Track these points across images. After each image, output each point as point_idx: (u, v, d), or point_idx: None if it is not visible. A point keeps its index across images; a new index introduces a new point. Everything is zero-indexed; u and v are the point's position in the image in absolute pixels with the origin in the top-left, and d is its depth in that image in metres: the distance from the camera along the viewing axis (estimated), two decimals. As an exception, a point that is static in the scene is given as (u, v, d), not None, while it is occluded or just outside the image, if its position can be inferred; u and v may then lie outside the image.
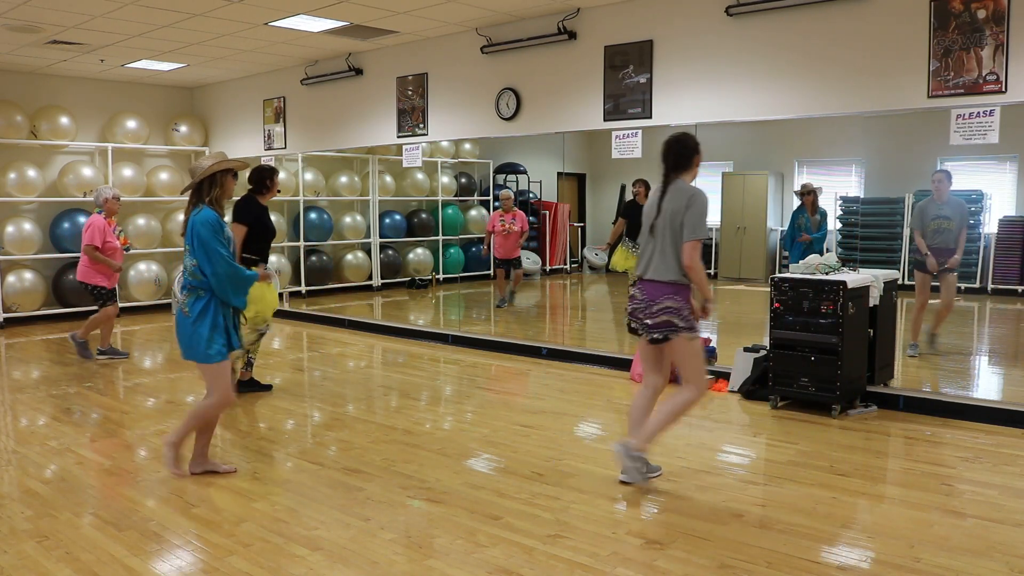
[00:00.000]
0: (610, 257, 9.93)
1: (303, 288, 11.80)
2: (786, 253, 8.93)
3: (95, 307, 7.71)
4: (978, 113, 5.32)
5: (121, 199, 7.78)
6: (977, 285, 11.17)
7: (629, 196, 9.52)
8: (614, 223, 9.13)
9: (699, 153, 4.09)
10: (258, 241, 5.90)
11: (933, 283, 7.15)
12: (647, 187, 8.85)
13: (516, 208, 10.52)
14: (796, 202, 9.04)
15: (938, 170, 7.31)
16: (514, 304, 10.55)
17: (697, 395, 4.07)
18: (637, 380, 6.60)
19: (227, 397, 4.29)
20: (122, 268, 7.83)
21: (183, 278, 4.19)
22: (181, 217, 11.00)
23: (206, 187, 4.16)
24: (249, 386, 6.27)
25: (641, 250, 4.15)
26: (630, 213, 8.88)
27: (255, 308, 5.66)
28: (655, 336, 4.01)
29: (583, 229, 15.24)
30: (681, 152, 4.06)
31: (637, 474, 4.07)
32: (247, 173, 5.79)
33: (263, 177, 5.93)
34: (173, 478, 4.32)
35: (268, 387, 6.39)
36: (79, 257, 10.16)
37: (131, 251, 8.12)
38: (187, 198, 4.21)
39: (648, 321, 4.00)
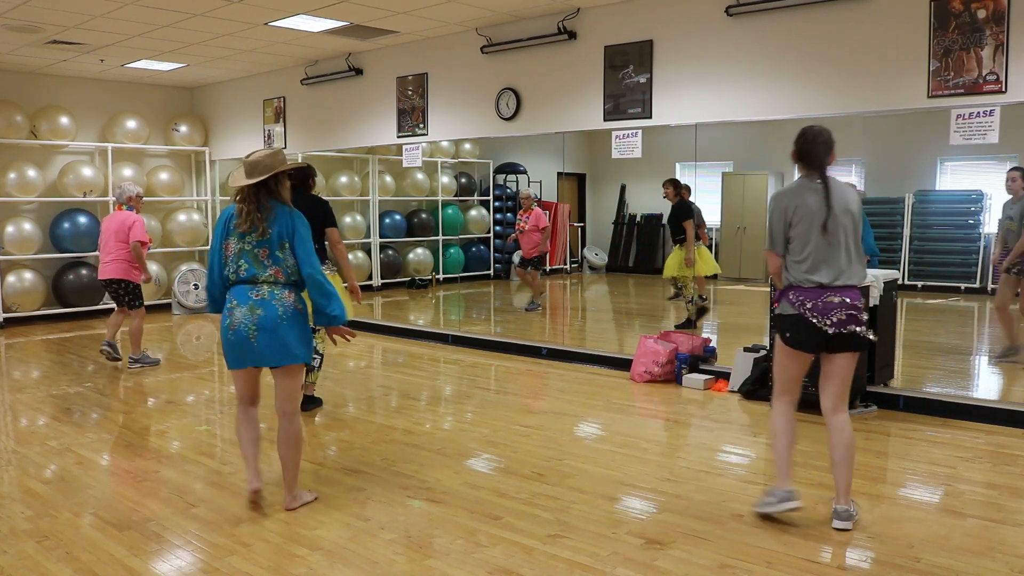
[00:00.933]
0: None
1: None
2: None
3: (115, 306, 7.40)
4: (978, 113, 5.32)
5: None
6: (977, 285, 11.16)
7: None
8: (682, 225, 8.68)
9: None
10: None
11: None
12: (675, 187, 8.77)
13: (535, 207, 10.46)
14: None
15: (1013, 167, 6.85)
16: (536, 309, 10.34)
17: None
18: (637, 380, 6.60)
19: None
20: (150, 279, 7.62)
21: (265, 276, 3.76)
22: (183, 216, 11.00)
23: (273, 184, 3.79)
24: (310, 402, 5.84)
25: (817, 253, 3.60)
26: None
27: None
28: (863, 346, 3.66)
29: (583, 229, 15.24)
30: (832, 145, 3.70)
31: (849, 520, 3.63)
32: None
33: (306, 176, 5.74)
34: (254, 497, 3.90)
35: (320, 401, 5.98)
36: (80, 257, 10.30)
37: (150, 249, 7.92)
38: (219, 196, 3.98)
39: (859, 329, 3.61)
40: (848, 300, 3.60)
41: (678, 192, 8.73)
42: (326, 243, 5.56)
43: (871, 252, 7.52)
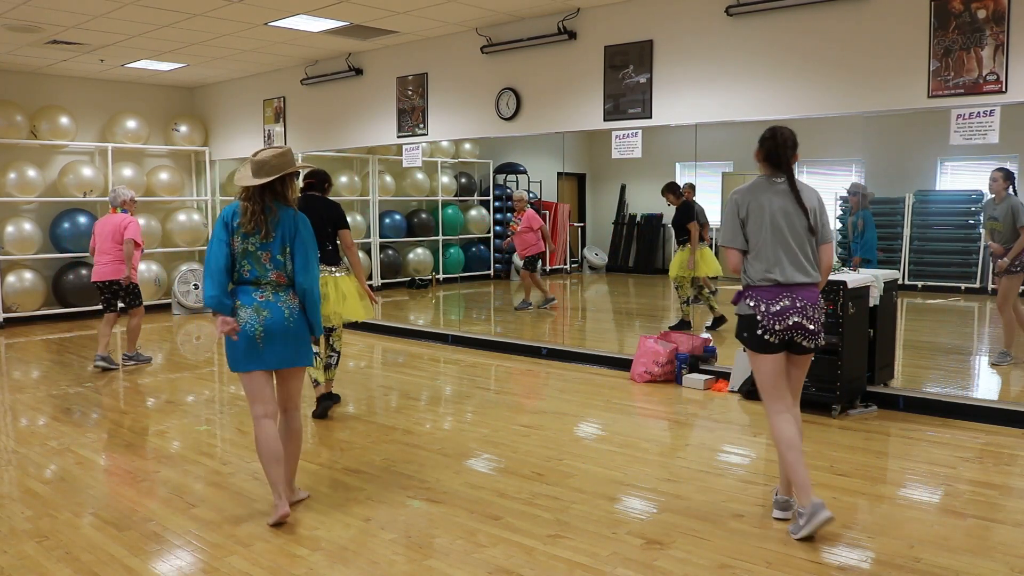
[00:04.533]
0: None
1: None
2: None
3: (105, 308, 7.42)
4: (978, 113, 5.32)
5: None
6: (977, 285, 11.16)
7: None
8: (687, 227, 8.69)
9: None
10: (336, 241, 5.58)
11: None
12: (675, 192, 8.75)
13: (528, 208, 10.51)
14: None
15: (996, 168, 6.86)
16: (527, 308, 10.41)
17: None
18: (637, 380, 6.60)
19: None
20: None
21: (269, 279, 3.73)
22: (183, 216, 11.00)
23: (279, 186, 3.72)
24: (327, 400, 5.77)
25: (771, 251, 3.61)
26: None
27: (346, 308, 5.45)
28: (820, 342, 3.64)
29: (583, 229, 15.23)
30: (794, 145, 3.77)
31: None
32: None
33: (323, 180, 5.61)
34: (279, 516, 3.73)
35: (338, 398, 5.93)
36: (80, 257, 10.29)
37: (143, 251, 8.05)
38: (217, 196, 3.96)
39: (813, 328, 3.58)
40: (801, 300, 3.57)
41: (679, 196, 8.74)
42: (339, 243, 5.52)
43: (870, 255, 7.56)
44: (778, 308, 3.57)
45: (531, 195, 14.28)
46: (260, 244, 3.68)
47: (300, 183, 5.49)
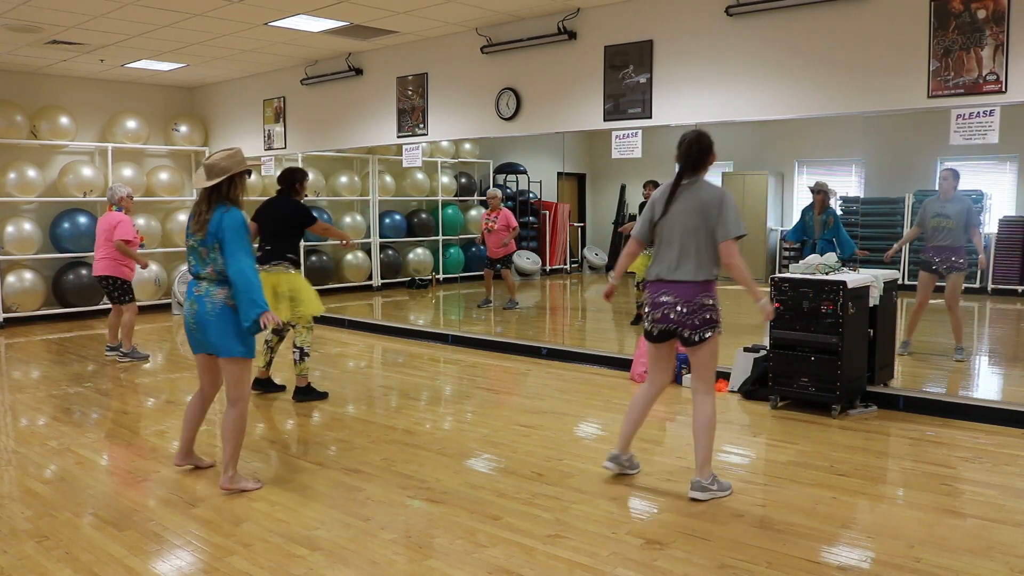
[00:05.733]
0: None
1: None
2: (796, 245, 8.79)
3: (110, 304, 7.73)
4: (978, 113, 5.32)
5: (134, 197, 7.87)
6: (977, 285, 11.17)
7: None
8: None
9: (714, 152, 4.01)
10: (298, 240, 5.99)
11: (939, 283, 7.07)
12: (656, 187, 8.80)
13: (503, 207, 10.57)
14: (802, 201, 8.96)
15: (945, 167, 7.21)
16: (514, 310, 10.49)
17: (714, 398, 4.04)
18: (637, 380, 6.60)
19: (248, 396, 4.19)
20: (147, 264, 8.03)
21: (203, 273, 4.04)
22: (183, 216, 11.02)
23: (225, 186, 4.01)
24: (265, 386, 6.28)
25: (657, 250, 4.01)
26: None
27: (299, 310, 5.82)
28: (705, 337, 3.90)
29: (583, 229, 15.23)
30: (700, 151, 3.95)
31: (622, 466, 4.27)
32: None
33: (293, 181, 5.96)
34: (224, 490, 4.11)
35: (282, 387, 6.36)
36: (80, 257, 10.30)
37: (144, 248, 8.31)
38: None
39: (695, 321, 3.88)
40: (675, 296, 3.90)
41: None
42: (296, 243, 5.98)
43: (849, 252, 7.65)
44: (658, 302, 3.96)
45: (531, 195, 14.29)
46: (199, 241, 4.04)
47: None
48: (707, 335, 3.92)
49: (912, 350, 7.15)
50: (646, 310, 4.04)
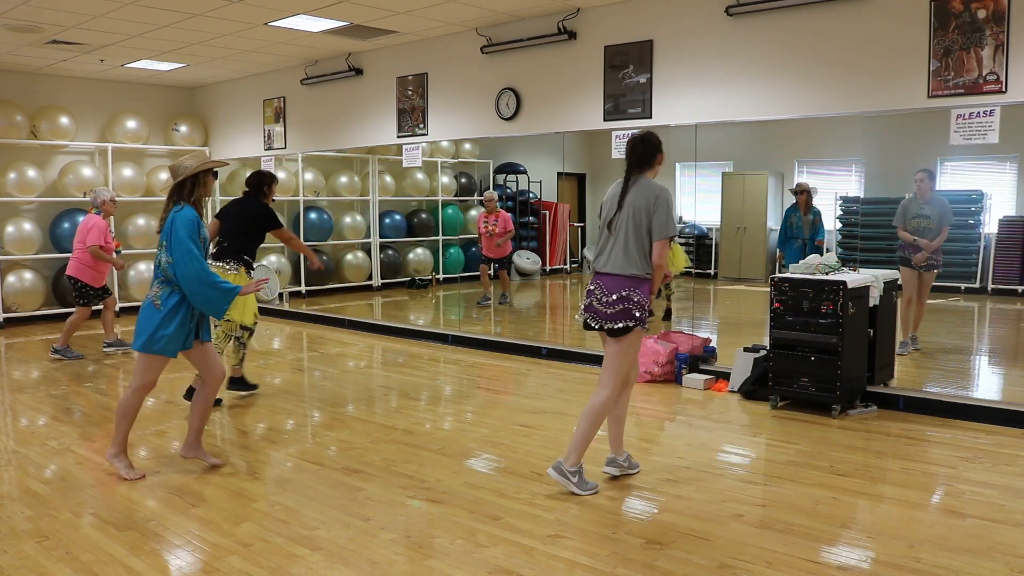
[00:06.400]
0: None
1: (303, 288, 11.80)
2: (781, 252, 8.87)
3: (100, 304, 7.98)
4: (978, 113, 5.32)
5: (117, 201, 7.98)
6: (977, 285, 11.16)
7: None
8: None
9: (661, 152, 4.10)
10: (256, 243, 5.96)
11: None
12: None
13: (500, 209, 10.59)
14: (792, 200, 8.97)
15: (920, 169, 7.30)
16: (506, 306, 10.55)
17: (615, 394, 4.08)
18: (637, 380, 6.58)
19: (146, 386, 4.36)
20: (124, 266, 8.23)
21: (156, 272, 4.28)
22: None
23: (188, 186, 4.24)
24: (238, 384, 6.22)
25: (599, 245, 4.12)
26: None
27: (229, 314, 5.66)
28: (615, 327, 3.96)
29: (583, 229, 15.23)
30: (644, 151, 4.06)
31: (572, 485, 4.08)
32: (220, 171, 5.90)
33: (262, 183, 5.97)
34: (136, 479, 4.34)
35: (255, 387, 6.31)
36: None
37: (121, 253, 8.46)
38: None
39: (608, 311, 3.97)
40: (603, 286, 4.00)
41: None
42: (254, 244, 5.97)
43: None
44: (588, 291, 4.11)
45: (531, 195, 14.28)
46: (160, 240, 4.24)
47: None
48: (619, 326, 3.95)
49: (912, 349, 7.16)
50: (584, 302, 4.11)
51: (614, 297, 3.96)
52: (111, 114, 10.95)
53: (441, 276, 13.66)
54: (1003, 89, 5.23)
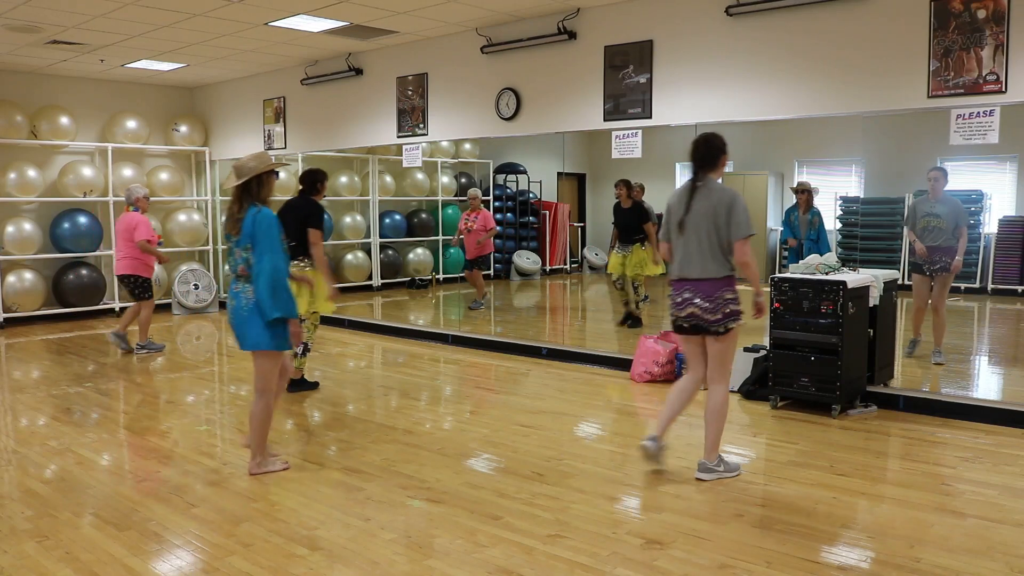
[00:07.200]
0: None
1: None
2: (785, 252, 8.85)
3: (131, 301, 8.15)
4: (978, 113, 5.32)
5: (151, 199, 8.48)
6: (977, 285, 11.17)
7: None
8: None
9: (725, 153, 4.20)
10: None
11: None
12: (629, 188, 8.82)
13: (483, 207, 10.58)
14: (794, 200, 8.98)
15: (934, 167, 7.05)
16: (479, 308, 10.52)
17: (727, 387, 4.29)
18: (637, 380, 6.60)
19: (273, 387, 4.36)
20: (168, 259, 8.58)
21: (238, 272, 4.24)
22: (183, 216, 11.01)
23: (254, 187, 4.20)
24: (300, 385, 6.36)
25: (674, 249, 4.24)
26: (615, 216, 8.96)
27: (318, 307, 6.07)
28: (719, 329, 4.13)
29: (583, 229, 15.22)
30: (708, 152, 4.16)
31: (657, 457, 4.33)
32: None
33: (315, 180, 6.10)
34: (252, 475, 4.37)
35: (315, 385, 6.48)
36: (80, 257, 10.31)
37: (163, 245, 8.83)
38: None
39: (710, 317, 4.13)
40: (699, 292, 4.13)
41: (630, 194, 8.79)
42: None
43: (826, 251, 7.69)
44: (679, 300, 4.22)
45: (531, 195, 14.29)
46: (236, 241, 4.20)
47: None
48: (728, 327, 4.14)
49: (934, 363, 6.87)
50: (671, 307, 4.27)
51: (716, 302, 4.11)
52: (111, 114, 10.95)
53: (441, 276, 13.66)
54: (1003, 89, 5.23)
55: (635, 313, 8.99)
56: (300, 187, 6.13)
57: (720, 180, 4.23)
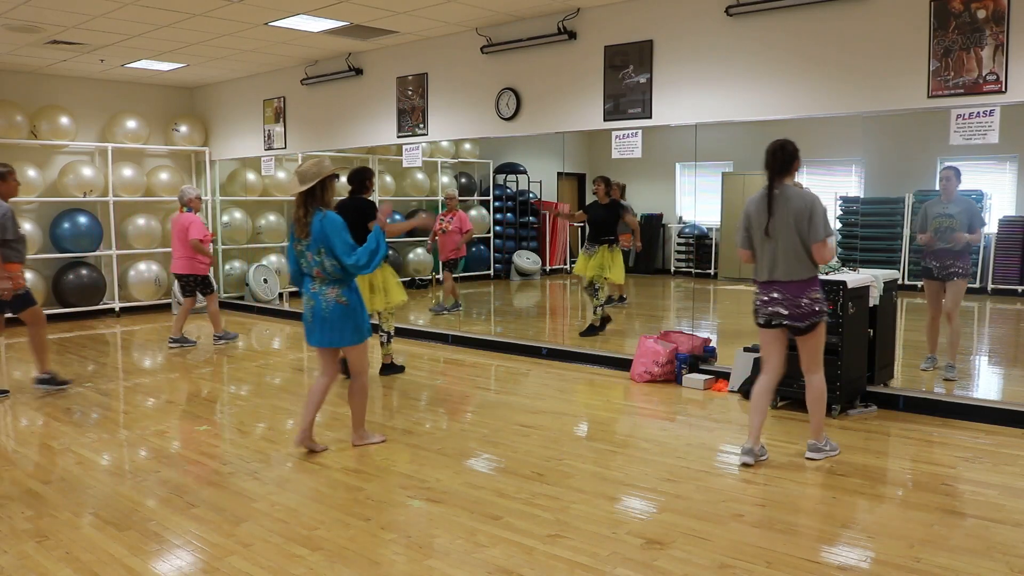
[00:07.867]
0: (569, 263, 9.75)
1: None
2: None
3: (183, 294, 8.59)
4: (978, 113, 5.32)
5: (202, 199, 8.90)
6: (977, 285, 11.16)
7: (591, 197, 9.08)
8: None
9: (799, 159, 4.50)
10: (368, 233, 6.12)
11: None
12: (608, 184, 8.68)
13: (459, 208, 10.52)
14: None
15: (947, 166, 6.65)
16: (453, 312, 10.45)
17: (822, 375, 4.57)
18: (637, 380, 6.60)
19: (366, 368, 4.85)
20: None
21: (312, 274, 4.53)
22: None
23: (319, 192, 4.43)
24: (390, 369, 6.97)
25: (760, 252, 4.49)
26: (589, 212, 8.74)
27: (393, 297, 6.61)
28: (804, 326, 4.41)
29: (583, 229, 15.21)
30: (784, 158, 4.45)
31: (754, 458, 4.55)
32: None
33: (363, 178, 6.20)
34: (304, 453, 4.77)
35: (401, 368, 7.06)
36: (80, 257, 10.31)
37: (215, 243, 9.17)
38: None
39: (799, 324, 4.42)
40: (788, 294, 4.39)
41: (608, 191, 8.60)
42: None
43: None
44: (770, 298, 4.48)
45: (531, 195, 14.28)
46: (306, 245, 4.47)
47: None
48: (815, 324, 4.43)
49: (945, 379, 6.48)
50: (757, 305, 4.54)
51: (805, 302, 4.38)
52: (111, 114, 10.95)
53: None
54: (1003, 89, 5.23)
55: (594, 322, 8.54)
56: (350, 188, 6.22)
57: (795, 183, 4.52)
